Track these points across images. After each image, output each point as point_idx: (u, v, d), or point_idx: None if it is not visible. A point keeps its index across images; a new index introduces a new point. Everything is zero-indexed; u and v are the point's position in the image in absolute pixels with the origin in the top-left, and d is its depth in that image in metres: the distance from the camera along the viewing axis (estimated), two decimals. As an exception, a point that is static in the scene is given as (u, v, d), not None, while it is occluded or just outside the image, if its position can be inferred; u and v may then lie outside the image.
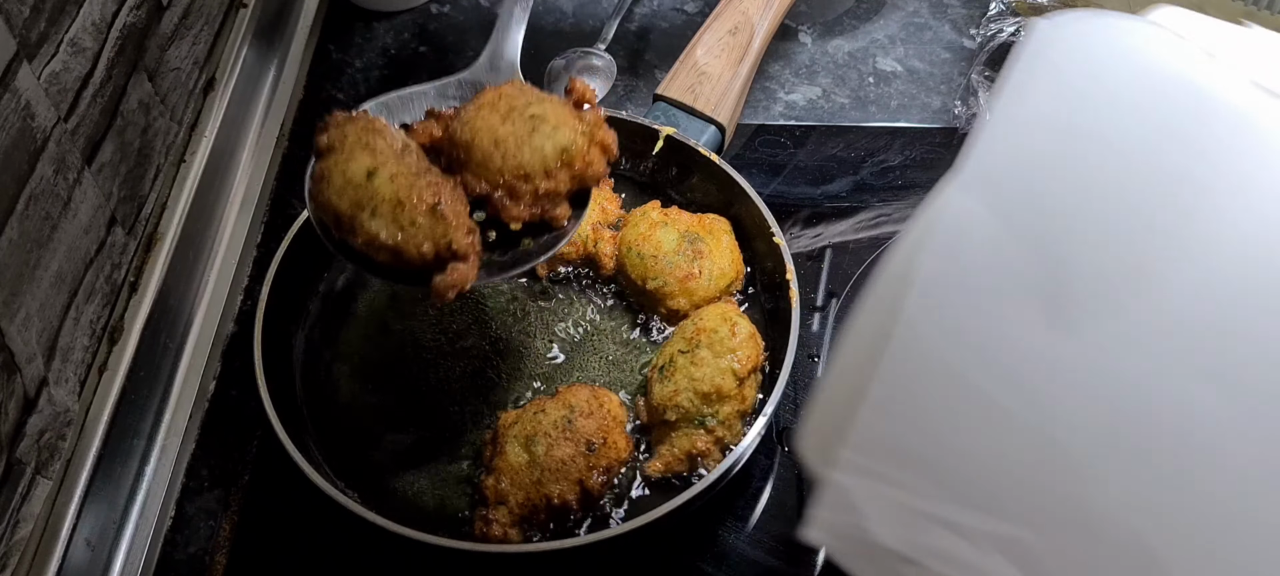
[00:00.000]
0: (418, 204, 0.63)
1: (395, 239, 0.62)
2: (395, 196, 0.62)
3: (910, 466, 0.49)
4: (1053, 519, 0.48)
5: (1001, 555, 0.47)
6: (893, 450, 0.50)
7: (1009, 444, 0.50)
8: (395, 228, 0.62)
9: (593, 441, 0.70)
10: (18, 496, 0.62)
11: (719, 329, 0.73)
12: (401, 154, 0.65)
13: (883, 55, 1.04)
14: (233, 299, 0.86)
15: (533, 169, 0.65)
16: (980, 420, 0.50)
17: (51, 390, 0.65)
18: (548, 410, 0.71)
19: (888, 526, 0.47)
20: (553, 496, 0.68)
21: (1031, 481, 0.49)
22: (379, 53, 1.05)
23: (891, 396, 0.51)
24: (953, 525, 0.47)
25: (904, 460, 0.49)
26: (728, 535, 0.73)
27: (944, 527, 0.47)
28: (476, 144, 0.66)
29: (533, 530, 0.69)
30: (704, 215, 0.82)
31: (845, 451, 0.49)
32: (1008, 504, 0.48)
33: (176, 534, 0.74)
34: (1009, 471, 0.49)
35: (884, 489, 0.48)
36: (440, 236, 0.63)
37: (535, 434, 0.70)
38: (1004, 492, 0.49)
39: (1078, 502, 0.48)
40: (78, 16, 0.68)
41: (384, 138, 0.65)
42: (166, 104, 0.81)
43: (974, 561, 0.47)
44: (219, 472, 0.77)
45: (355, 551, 0.72)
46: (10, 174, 0.61)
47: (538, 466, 0.69)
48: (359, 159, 0.64)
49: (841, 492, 0.48)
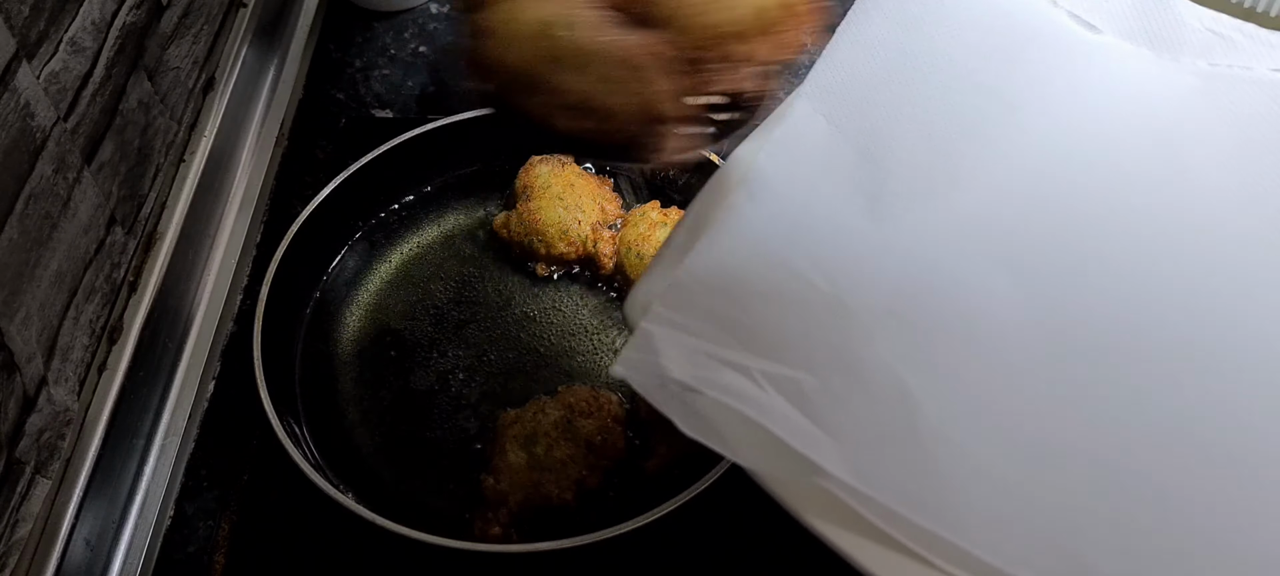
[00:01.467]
0: (612, 56, 0.51)
1: (597, 95, 0.52)
2: (583, 47, 0.51)
3: (710, 320, 0.55)
4: (827, 364, 0.54)
5: (776, 390, 0.52)
6: (695, 306, 0.56)
7: (803, 308, 0.56)
8: (597, 81, 0.52)
9: (592, 441, 0.70)
10: (17, 496, 0.62)
11: (719, 328, 0.73)
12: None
13: (882, 56, 1.04)
14: (233, 299, 0.86)
15: (747, 26, 0.54)
16: (781, 286, 0.57)
17: (51, 389, 0.65)
18: (547, 410, 0.71)
19: (678, 364, 0.53)
20: (552, 496, 0.68)
21: (815, 337, 0.55)
22: (379, 52, 1.05)
23: (703, 264, 0.57)
24: (738, 366, 0.53)
25: (704, 314, 0.55)
26: (727, 535, 0.73)
27: (730, 368, 0.53)
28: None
29: (532, 530, 0.69)
30: (704, 215, 0.82)
31: (656, 305, 0.56)
32: (790, 352, 0.54)
33: (176, 533, 0.74)
34: (797, 328, 0.55)
35: (682, 337, 0.54)
36: (646, 94, 0.52)
37: (535, 434, 0.70)
38: (790, 344, 0.55)
39: (852, 353, 0.54)
40: (77, 16, 0.68)
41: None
42: (166, 103, 0.81)
43: (752, 394, 0.52)
44: (218, 472, 0.77)
45: (354, 551, 0.72)
46: (10, 173, 0.61)
47: (537, 466, 0.69)
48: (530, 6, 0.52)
49: (646, 337, 0.54)
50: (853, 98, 0.63)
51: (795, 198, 0.60)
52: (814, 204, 0.60)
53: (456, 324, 0.82)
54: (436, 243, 0.87)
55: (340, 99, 1.01)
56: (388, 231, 0.87)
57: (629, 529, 0.66)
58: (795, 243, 0.58)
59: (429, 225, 0.88)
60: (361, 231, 0.86)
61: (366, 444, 0.76)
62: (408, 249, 0.87)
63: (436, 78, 1.03)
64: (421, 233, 0.87)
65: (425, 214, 0.88)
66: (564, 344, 0.80)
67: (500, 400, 0.77)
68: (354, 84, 1.02)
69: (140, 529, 0.72)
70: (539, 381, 0.78)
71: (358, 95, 1.01)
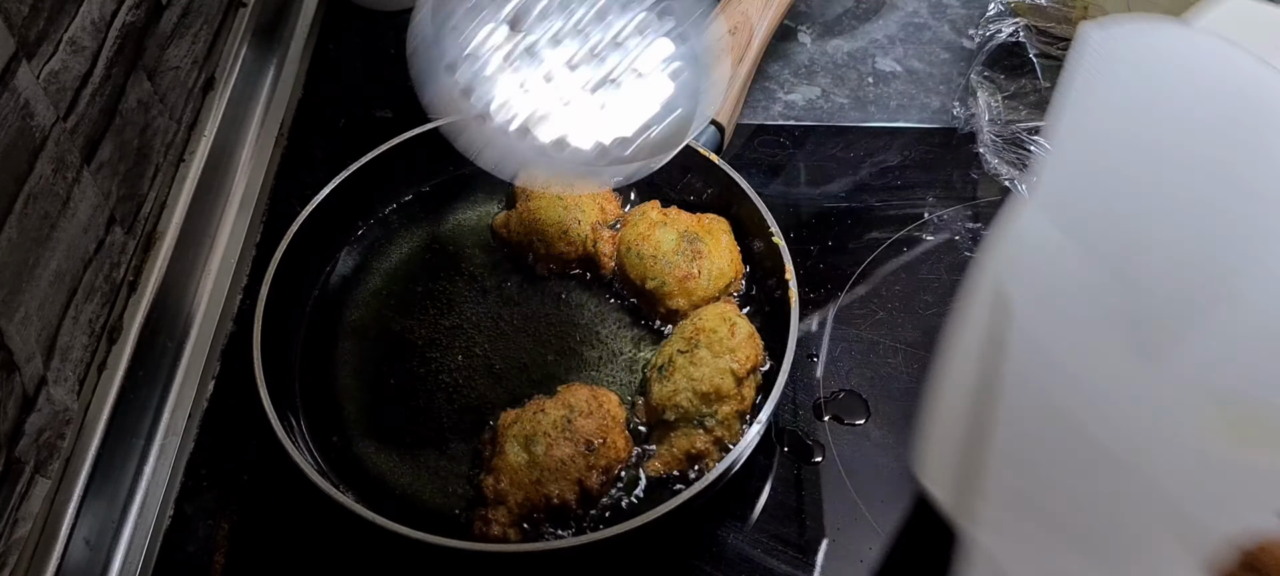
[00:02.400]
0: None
1: None
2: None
3: (1043, 522, 0.52)
4: (1136, 543, 0.51)
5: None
6: (1025, 505, 0.52)
7: (1118, 488, 0.52)
8: None
9: (592, 441, 0.70)
10: (16, 495, 0.62)
11: (718, 329, 0.73)
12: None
13: (882, 55, 1.04)
14: (232, 299, 0.86)
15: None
16: (1093, 466, 0.52)
17: (50, 389, 0.65)
18: (547, 410, 0.71)
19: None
20: (552, 496, 0.68)
21: (1143, 533, 0.51)
22: (379, 53, 1.05)
23: (1015, 445, 0.53)
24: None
25: (1036, 515, 0.52)
26: (727, 535, 0.73)
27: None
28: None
29: (531, 529, 0.69)
30: (703, 215, 0.82)
31: (982, 504, 0.52)
32: (1125, 553, 0.51)
33: (175, 533, 0.74)
34: (1123, 520, 0.52)
35: (1023, 550, 0.51)
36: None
37: (535, 433, 0.70)
38: (1121, 543, 0.51)
39: (1147, 526, 0.50)
40: (77, 15, 0.68)
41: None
42: (166, 103, 0.81)
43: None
44: (218, 472, 0.77)
45: (354, 551, 0.72)
46: (9, 173, 0.61)
47: (537, 466, 0.69)
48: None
49: (988, 557, 0.51)
50: (1090, 206, 0.59)
51: (1061, 339, 0.56)
52: (1081, 346, 0.56)
53: (456, 324, 0.81)
54: (436, 242, 0.87)
55: (340, 99, 1.01)
56: (387, 231, 0.87)
57: (629, 528, 0.66)
58: (1087, 403, 0.54)
59: (429, 225, 0.88)
60: (361, 231, 0.86)
61: (366, 444, 0.75)
62: (407, 249, 0.87)
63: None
64: (421, 232, 0.87)
65: (425, 214, 0.88)
66: (564, 344, 0.80)
67: (500, 400, 0.77)
68: (354, 84, 1.02)
69: (140, 529, 0.72)
70: (539, 381, 0.78)
71: (358, 95, 1.01)
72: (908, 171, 0.94)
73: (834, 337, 0.83)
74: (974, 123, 0.93)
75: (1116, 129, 0.60)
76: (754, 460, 0.76)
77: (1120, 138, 0.60)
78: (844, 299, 0.85)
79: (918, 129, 0.98)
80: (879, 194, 0.93)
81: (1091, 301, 0.56)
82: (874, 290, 0.86)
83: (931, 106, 1.00)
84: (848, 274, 0.87)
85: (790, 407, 0.79)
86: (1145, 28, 0.62)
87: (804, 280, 0.85)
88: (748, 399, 0.73)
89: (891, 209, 0.91)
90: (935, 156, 0.95)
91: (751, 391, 0.73)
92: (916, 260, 0.88)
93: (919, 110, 1.00)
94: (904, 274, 0.87)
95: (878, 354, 0.82)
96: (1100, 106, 0.60)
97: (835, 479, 0.75)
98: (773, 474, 0.77)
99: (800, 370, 0.81)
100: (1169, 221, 0.58)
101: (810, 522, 0.74)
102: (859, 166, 0.95)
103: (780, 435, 0.78)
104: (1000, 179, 0.89)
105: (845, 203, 0.92)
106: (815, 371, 0.81)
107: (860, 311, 0.85)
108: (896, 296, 0.86)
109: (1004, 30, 0.96)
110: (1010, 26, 0.96)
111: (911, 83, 1.02)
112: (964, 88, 0.98)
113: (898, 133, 0.97)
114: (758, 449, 0.73)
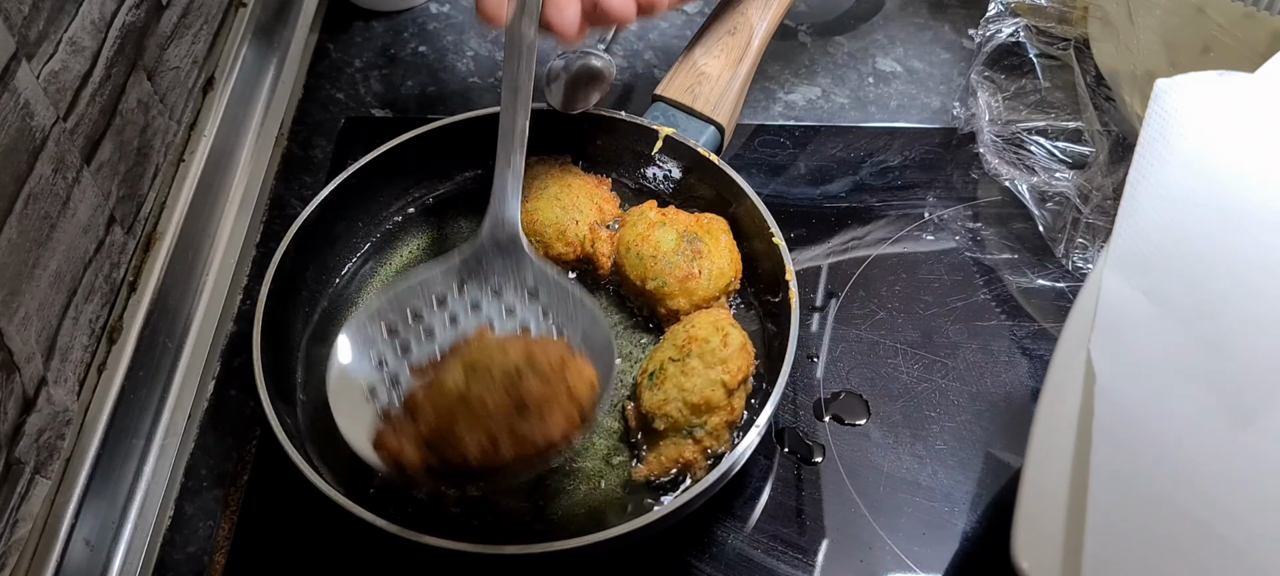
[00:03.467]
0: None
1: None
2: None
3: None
4: None
5: None
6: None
7: (1222, 565, 0.51)
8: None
9: (527, 409, 0.61)
10: (16, 495, 0.62)
11: (711, 338, 0.72)
12: None
13: (882, 55, 1.04)
14: (232, 299, 0.86)
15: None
16: (1189, 541, 0.52)
17: (50, 389, 0.65)
18: (509, 350, 0.64)
19: None
20: (457, 442, 0.61)
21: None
22: (379, 52, 1.05)
23: (1107, 522, 0.52)
24: None
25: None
26: (727, 535, 0.73)
27: None
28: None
29: (433, 461, 0.63)
30: (702, 215, 0.82)
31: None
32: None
33: (175, 533, 0.74)
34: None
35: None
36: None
37: (482, 365, 0.63)
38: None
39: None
40: (77, 15, 0.68)
41: None
42: (165, 103, 0.81)
43: None
44: (218, 472, 0.77)
45: (354, 551, 0.72)
46: (9, 173, 0.61)
47: (463, 399, 0.62)
48: None
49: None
50: (1172, 268, 0.58)
51: (1152, 412, 0.54)
52: (1172, 417, 0.54)
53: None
54: (436, 243, 0.87)
55: (340, 99, 1.01)
56: (387, 231, 0.87)
57: (628, 529, 0.66)
58: (1181, 476, 0.53)
59: (428, 225, 0.88)
60: (361, 231, 0.86)
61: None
62: (407, 249, 0.87)
63: (436, 78, 1.03)
64: (421, 232, 0.87)
65: (425, 214, 0.88)
66: (563, 344, 0.80)
67: (500, 400, 0.77)
68: (354, 84, 1.02)
69: (140, 529, 0.72)
70: (538, 381, 0.78)
71: (358, 95, 1.01)
72: (908, 171, 0.94)
73: (834, 337, 0.83)
74: (974, 123, 0.93)
75: (1190, 186, 0.59)
76: (754, 460, 0.76)
77: (1193, 195, 0.59)
78: (844, 299, 0.85)
79: (918, 129, 0.98)
80: (879, 194, 0.93)
81: (1179, 367, 0.55)
82: (874, 290, 0.86)
83: (931, 106, 1.00)
84: (848, 274, 0.87)
85: (790, 408, 0.79)
86: (1213, 80, 0.62)
87: (804, 280, 0.85)
88: (738, 409, 0.72)
89: (891, 209, 0.92)
90: (935, 156, 0.96)
91: (741, 402, 0.73)
92: (916, 260, 0.88)
93: (919, 110, 1.00)
94: (904, 274, 0.87)
95: (878, 354, 0.82)
96: (1173, 163, 0.60)
97: (835, 479, 0.75)
98: (773, 474, 0.77)
99: (800, 370, 0.81)
100: (1247, 279, 0.57)
101: (810, 523, 0.74)
102: (859, 166, 0.95)
103: (780, 435, 0.78)
104: (1000, 179, 0.89)
105: (845, 203, 0.92)
106: (815, 371, 0.81)
107: (860, 311, 0.85)
108: (896, 296, 0.86)
109: (1004, 30, 0.96)
110: (1010, 26, 0.97)
111: (911, 83, 1.02)
112: (964, 88, 0.98)
113: (898, 133, 0.98)
114: (758, 449, 0.73)
